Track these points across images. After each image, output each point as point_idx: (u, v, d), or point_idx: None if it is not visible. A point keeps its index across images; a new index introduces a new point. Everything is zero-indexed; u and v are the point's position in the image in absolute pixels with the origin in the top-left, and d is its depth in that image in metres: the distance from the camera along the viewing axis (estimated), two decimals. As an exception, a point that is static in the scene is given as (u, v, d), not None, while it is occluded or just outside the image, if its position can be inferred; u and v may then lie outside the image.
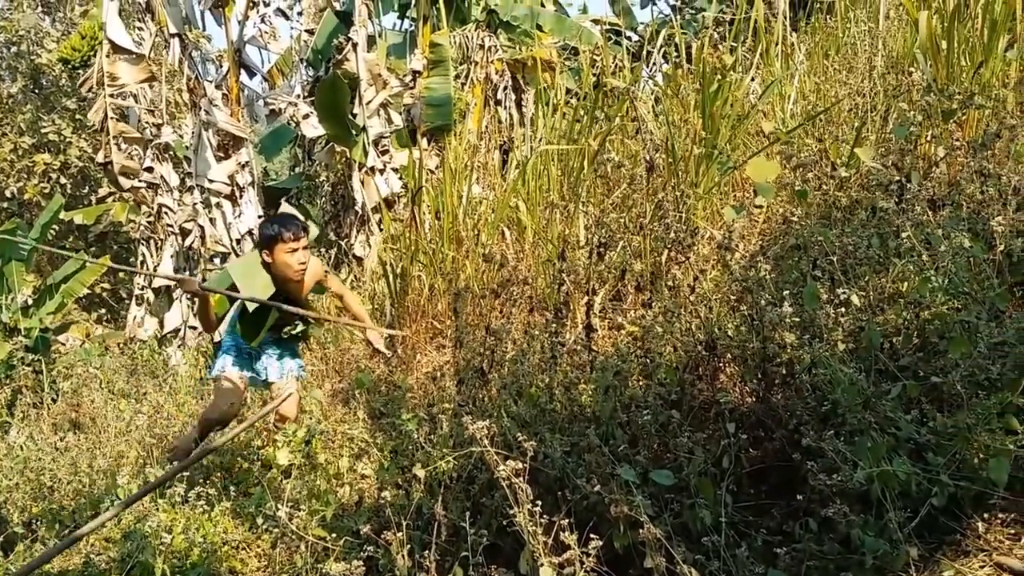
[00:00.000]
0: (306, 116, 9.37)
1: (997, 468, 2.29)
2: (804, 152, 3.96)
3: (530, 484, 2.38)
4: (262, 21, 10.14)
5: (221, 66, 11.61)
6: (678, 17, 10.38)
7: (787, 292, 2.76)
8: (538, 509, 2.31)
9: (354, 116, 8.52)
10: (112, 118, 7.59)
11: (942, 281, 2.87)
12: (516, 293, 4.86)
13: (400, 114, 9.05)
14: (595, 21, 12.77)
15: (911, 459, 2.46)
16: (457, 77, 10.26)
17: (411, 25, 10.98)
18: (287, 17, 10.51)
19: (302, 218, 4.39)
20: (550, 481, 2.66)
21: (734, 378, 3.02)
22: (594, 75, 6.85)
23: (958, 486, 2.39)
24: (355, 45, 8.62)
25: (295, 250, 4.21)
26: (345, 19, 9.90)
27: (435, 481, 2.77)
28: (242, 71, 9.31)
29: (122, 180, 7.79)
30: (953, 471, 2.42)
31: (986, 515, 2.44)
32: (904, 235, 2.78)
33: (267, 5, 10.15)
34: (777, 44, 5.75)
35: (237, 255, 8.09)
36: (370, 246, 8.07)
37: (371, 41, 9.35)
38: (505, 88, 10.83)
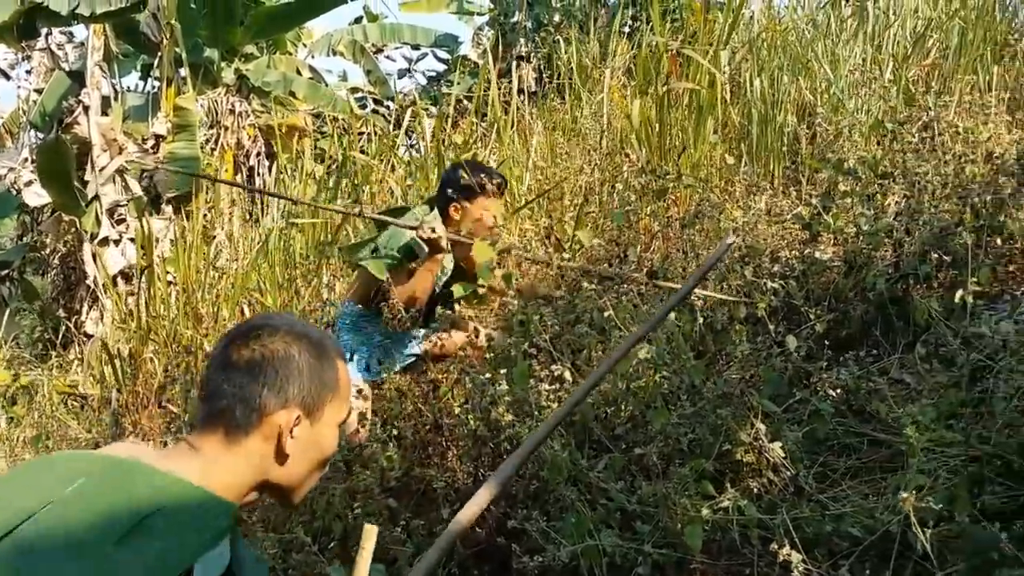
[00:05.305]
0: (29, 183, 8.55)
1: (692, 535, 2.41)
2: (518, 233, 4.13)
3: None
4: (-21, 80, 9.23)
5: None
6: (430, 90, 10.67)
7: (503, 371, 2.80)
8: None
9: (85, 183, 7.89)
10: None
11: (648, 353, 3.04)
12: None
13: (140, 181, 8.50)
14: (354, 89, 12.84)
15: (623, 529, 2.54)
16: (206, 142, 9.85)
17: (155, 87, 10.44)
18: (8, 77, 9.65)
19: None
20: (261, 585, 2.48)
21: (461, 458, 3.01)
22: (350, 143, 6.83)
23: (661, 554, 2.48)
24: (87, 108, 8.03)
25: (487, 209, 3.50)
26: (77, 79, 9.23)
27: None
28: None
29: None
30: (657, 539, 2.52)
31: (688, 580, 2.57)
32: (606, 313, 2.93)
33: (-14, 64, 9.27)
34: (514, 124, 6.00)
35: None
36: (103, 323, 7.42)
37: (107, 103, 8.75)
38: (258, 154, 10.54)
